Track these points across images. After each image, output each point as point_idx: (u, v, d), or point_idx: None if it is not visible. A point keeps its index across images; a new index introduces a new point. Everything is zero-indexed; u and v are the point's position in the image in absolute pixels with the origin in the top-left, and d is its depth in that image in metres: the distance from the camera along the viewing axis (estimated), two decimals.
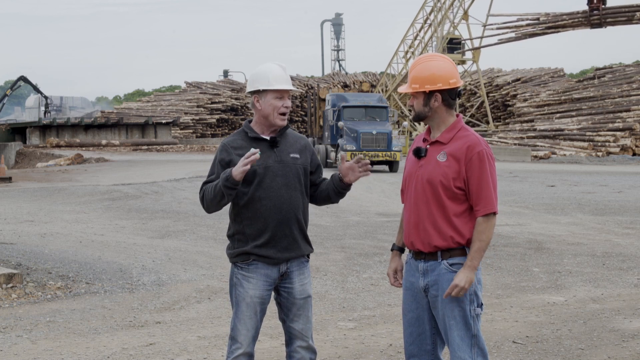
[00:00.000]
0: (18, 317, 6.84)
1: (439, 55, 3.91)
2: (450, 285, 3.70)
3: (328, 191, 4.15)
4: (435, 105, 3.81)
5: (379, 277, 8.62)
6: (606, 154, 38.64)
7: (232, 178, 3.84)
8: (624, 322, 6.74)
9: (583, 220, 13.87)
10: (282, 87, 4.03)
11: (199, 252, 10.22)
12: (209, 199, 3.99)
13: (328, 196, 4.17)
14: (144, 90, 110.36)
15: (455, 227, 3.74)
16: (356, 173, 4.04)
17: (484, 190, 3.72)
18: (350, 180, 4.05)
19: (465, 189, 3.74)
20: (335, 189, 4.12)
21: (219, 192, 3.92)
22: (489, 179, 3.73)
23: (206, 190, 4.02)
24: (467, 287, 3.70)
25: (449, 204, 3.74)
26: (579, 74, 77.18)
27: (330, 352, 5.83)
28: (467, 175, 3.72)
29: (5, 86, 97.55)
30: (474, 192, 3.73)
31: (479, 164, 3.72)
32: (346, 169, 4.06)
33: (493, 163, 3.79)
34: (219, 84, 65.00)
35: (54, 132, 46.43)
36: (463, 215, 3.76)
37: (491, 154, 3.79)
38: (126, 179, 22.94)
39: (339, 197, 4.16)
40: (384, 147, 28.23)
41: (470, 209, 3.76)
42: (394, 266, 4.05)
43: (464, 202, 3.76)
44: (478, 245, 3.72)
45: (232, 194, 3.92)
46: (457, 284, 3.69)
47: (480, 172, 3.72)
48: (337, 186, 4.10)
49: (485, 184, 3.72)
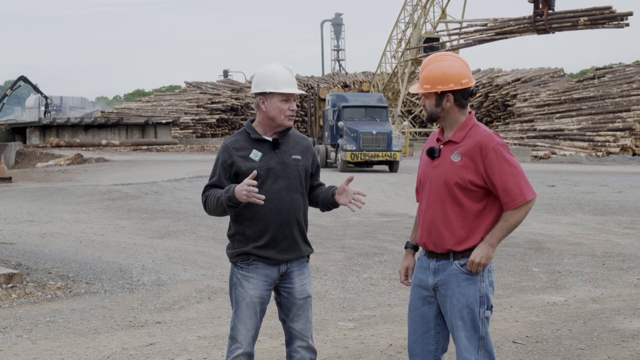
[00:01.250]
0: (18, 317, 6.84)
1: (450, 54, 3.86)
2: (467, 262, 3.68)
3: (318, 199, 4.18)
4: (448, 105, 3.76)
5: (379, 277, 8.62)
6: (606, 154, 38.65)
7: (235, 199, 3.84)
8: (624, 322, 6.74)
9: (583, 220, 13.87)
10: (289, 91, 4.01)
11: (199, 252, 10.22)
12: (211, 208, 4.00)
13: (317, 203, 4.21)
14: (144, 90, 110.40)
15: (470, 228, 3.71)
16: (346, 199, 4.05)
17: (508, 185, 3.65)
18: (339, 201, 4.07)
19: (485, 186, 3.70)
20: (325, 201, 4.15)
21: (220, 206, 3.92)
22: (509, 173, 3.66)
23: (209, 198, 4.00)
24: (484, 262, 3.66)
25: (466, 203, 3.70)
26: (579, 74, 77.20)
27: (330, 352, 5.83)
28: (487, 172, 3.67)
29: (5, 86, 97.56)
30: (499, 189, 3.67)
31: (497, 160, 3.67)
32: (342, 189, 4.07)
33: (510, 153, 3.73)
34: (219, 84, 65.01)
35: (54, 132, 46.45)
36: (480, 214, 3.72)
37: (505, 145, 3.72)
38: (126, 179, 22.94)
39: (326, 209, 4.20)
40: (384, 147, 28.22)
41: (487, 207, 3.72)
42: (406, 264, 4.03)
43: (481, 201, 3.72)
44: (501, 224, 3.67)
45: (233, 211, 3.95)
46: (473, 259, 3.66)
47: (500, 168, 3.66)
48: (328, 200, 4.13)
49: (507, 178, 3.65)
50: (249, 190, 3.78)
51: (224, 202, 3.87)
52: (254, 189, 3.78)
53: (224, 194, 3.88)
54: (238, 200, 3.84)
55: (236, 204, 3.86)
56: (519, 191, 3.67)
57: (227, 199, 3.85)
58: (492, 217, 3.74)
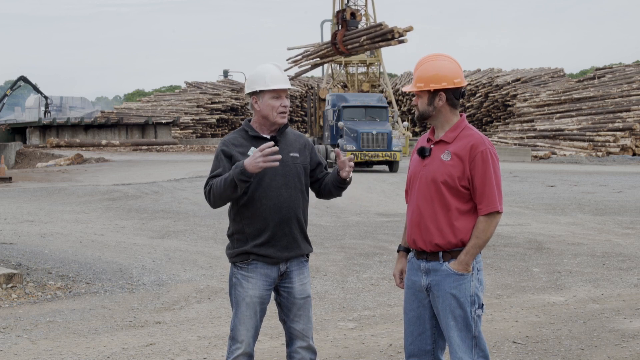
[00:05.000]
0: (18, 317, 6.84)
1: (443, 54, 3.91)
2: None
3: (329, 185, 4.17)
4: (440, 104, 3.81)
5: (379, 277, 8.62)
6: (606, 154, 38.66)
7: (247, 171, 3.79)
8: (624, 322, 6.74)
9: (583, 220, 13.87)
10: (278, 87, 4.04)
11: (199, 252, 10.22)
12: (218, 193, 3.91)
13: (330, 190, 4.19)
14: (144, 90, 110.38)
15: (458, 227, 3.75)
16: (345, 169, 4.06)
17: (487, 189, 3.72)
18: (343, 175, 4.07)
19: (470, 188, 3.75)
20: (334, 183, 4.14)
21: (229, 185, 3.85)
22: (492, 178, 3.73)
23: (214, 184, 3.94)
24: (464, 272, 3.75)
25: (453, 202, 3.74)
26: (579, 74, 77.15)
27: (330, 352, 5.83)
28: (471, 174, 3.73)
29: (5, 86, 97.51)
30: (477, 191, 3.73)
31: (483, 163, 3.72)
32: (341, 163, 4.08)
33: (497, 162, 3.79)
34: (219, 84, 65.01)
35: (54, 132, 46.46)
36: (467, 214, 3.76)
37: (495, 153, 3.78)
38: (126, 179, 22.94)
39: (340, 190, 4.17)
40: (384, 147, 28.23)
41: (474, 208, 3.77)
42: (400, 267, 4.05)
43: (469, 201, 3.76)
44: (475, 242, 3.73)
45: (244, 186, 3.87)
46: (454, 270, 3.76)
47: (484, 171, 3.72)
48: (336, 180, 4.13)
49: (488, 183, 3.72)
50: (263, 154, 3.76)
51: (235, 178, 3.81)
52: (267, 151, 3.76)
53: (233, 170, 3.83)
54: (250, 173, 3.80)
55: (248, 176, 3.81)
56: (493, 199, 3.73)
57: (238, 174, 3.79)
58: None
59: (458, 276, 3.75)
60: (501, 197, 3.77)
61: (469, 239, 3.75)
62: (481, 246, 3.75)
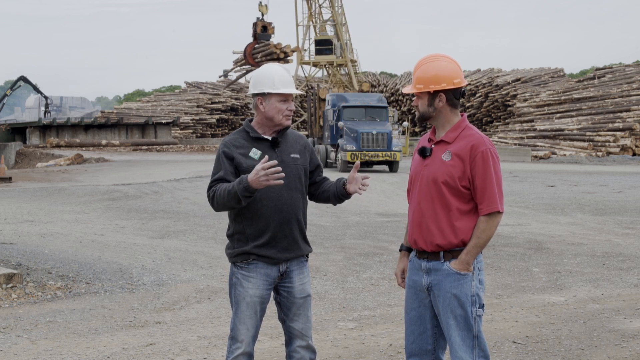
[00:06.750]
0: (18, 317, 6.84)
1: (442, 55, 3.91)
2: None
3: (329, 193, 4.17)
4: (440, 105, 3.81)
5: (379, 277, 8.62)
6: (606, 154, 38.66)
7: (251, 188, 3.78)
8: (624, 322, 6.74)
9: (583, 220, 13.87)
10: (288, 91, 4.02)
11: (199, 252, 10.22)
12: (222, 202, 3.91)
13: (328, 198, 4.19)
14: (144, 90, 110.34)
15: (459, 227, 3.75)
16: (355, 186, 4.07)
17: (487, 189, 3.72)
18: (350, 190, 4.07)
19: (471, 188, 3.75)
20: (337, 194, 4.14)
21: (233, 198, 3.85)
22: (493, 178, 3.73)
23: (218, 192, 3.93)
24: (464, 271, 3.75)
25: (454, 202, 3.74)
26: (579, 74, 77.12)
27: (330, 352, 5.83)
28: (472, 174, 3.73)
29: (5, 86, 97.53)
30: (478, 191, 3.73)
31: (483, 163, 3.72)
32: (352, 178, 4.08)
33: (498, 162, 3.79)
34: (219, 84, 64.98)
35: (54, 132, 46.46)
36: (468, 214, 3.76)
37: (495, 153, 3.78)
38: (126, 179, 22.94)
39: (338, 202, 4.19)
40: (384, 147, 28.24)
41: (474, 208, 3.77)
42: (402, 266, 4.06)
43: (469, 201, 3.76)
44: (475, 242, 3.73)
45: (248, 200, 3.88)
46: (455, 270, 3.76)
47: (484, 171, 3.72)
48: (340, 192, 4.12)
49: (489, 183, 3.72)
50: (267, 173, 3.74)
51: (239, 194, 3.80)
52: (270, 170, 3.74)
53: (237, 185, 3.81)
54: (254, 189, 3.81)
55: (252, 192, 3.82)
56: (494, 199, 3.72)
57: (242, 190, 3.79)
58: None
59: (459, 276, 3.75)
60: (502, 197, 3.77)
61: (469, 238, 3.75)
62: (482, 246, 3.75)
